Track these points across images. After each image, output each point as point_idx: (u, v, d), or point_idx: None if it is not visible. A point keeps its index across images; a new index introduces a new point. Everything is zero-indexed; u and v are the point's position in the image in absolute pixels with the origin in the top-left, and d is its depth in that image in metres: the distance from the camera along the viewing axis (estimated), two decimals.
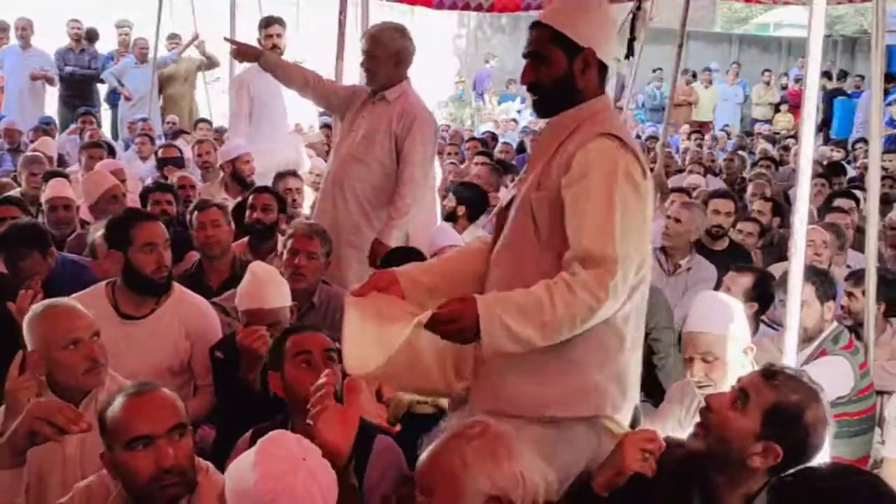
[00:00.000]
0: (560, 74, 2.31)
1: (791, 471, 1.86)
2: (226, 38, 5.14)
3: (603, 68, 2.36)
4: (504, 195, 2.49)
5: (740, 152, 10.36)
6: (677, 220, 4.85)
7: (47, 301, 2.84)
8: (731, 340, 2.86)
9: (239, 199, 5.34)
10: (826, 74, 13.84)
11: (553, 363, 2.25)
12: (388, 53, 4.23)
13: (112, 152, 7.25)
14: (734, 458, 2.12)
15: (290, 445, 1.86)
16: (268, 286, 3.23)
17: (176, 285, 3.50)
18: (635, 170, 2.22)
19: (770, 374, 2.18)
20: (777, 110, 15.75)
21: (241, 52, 4.74)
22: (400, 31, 4.36)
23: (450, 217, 5.44)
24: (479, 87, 16.93)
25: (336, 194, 4.35)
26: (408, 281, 2.44)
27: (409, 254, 3.87)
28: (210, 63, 10.68)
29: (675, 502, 2.21)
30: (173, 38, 10.72)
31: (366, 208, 4.33)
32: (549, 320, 2.10)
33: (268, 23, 6.23)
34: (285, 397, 2.64)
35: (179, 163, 7.00)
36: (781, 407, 2.11)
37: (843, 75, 16.23)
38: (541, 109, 2.44)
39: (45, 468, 2.59)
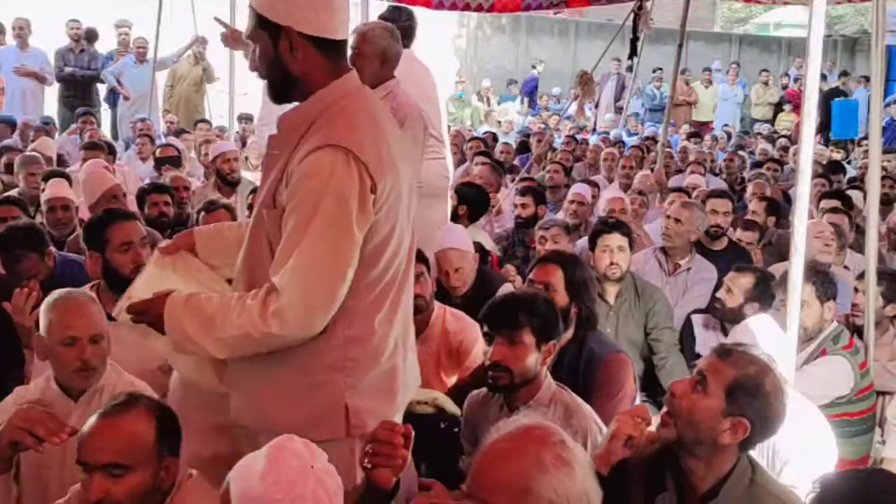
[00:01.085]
0: (269, 59, 2.14)
1: (835, 479, 1.82)
2: (216, 19, 4.78)
3: (327, 46, 2.12)
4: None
5: (740, 152, 10.36)
6: (677, 221, 4.85)
7: (65, 291, 2.84)
8: None
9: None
10: (821, 76, 13.79)
11: (299, 383, 2.18)
12: (374, 52, 4.19)
13: (112, 152, 7.26)
14: (705, 438, 2.17)
15: (299, 452, 1.85)
16: None
17: None
18: (352, 188, 2.04)
19: (723, 352, 2.25)
20: (780, 109, 15.73)
21: (233, 39, 4.53)
22: (389, 31, 4.32)
23: (450, 216, 5.44)
24: (527, 91, 16.86)
25: None
26: (203, 242, 2.47)
27: (417, 251, 3.85)
28: (207, 76, 10.76)
29: (649, 492, 2.25)
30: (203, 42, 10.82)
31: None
32: (222, 338, 2.07)
33: None
34: None
35: (177, 162, 7.00)
36: (741, 381, 2.17)
37: (844, 75, 16.22)
38: (273, 97, 2.25)
39: (44, 468, 2.59)
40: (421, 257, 3.79)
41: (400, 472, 2.06)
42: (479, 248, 4.49)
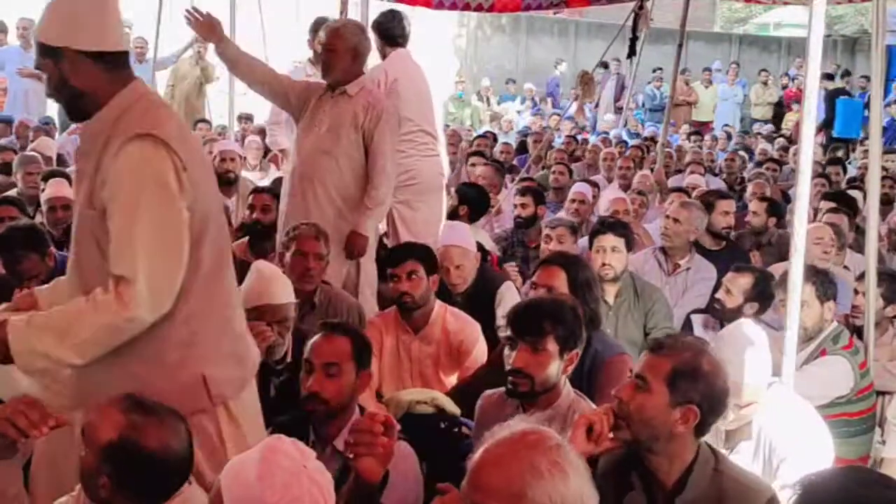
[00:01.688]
0: (56, 81, 2.29)
1: (816, 478, 1.84)
2: (187, 10, 4.52)
3: (107, 59, 2.27)
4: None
5: (741, 152, 10.36)
6: (676, 221, 4.85)
7: None
8: (764, 383, 2.81)
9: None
10: (828, 77, 13.89)
11: (157, 369, 2.29)
12: (346, 47, 4.26)
13: None
14: (660, 433, 2.21)
15: (291, 453, 1.86)
16: (274, 283, 3.24)
17: None
18: (167, 169, 2.20)
19: (655, 347, 2.30)
20: (780, 109, 15.71)
21: (201, 26, 4.30)
22: (360, 28, 4.45)
23: (451, 215, 5.46)
24: (556, 94, 16.73)
25: (306, 189, 4.28)
26: (45, 300, 2.53)
27: (416, 249, 3.87)
28: (206, 75, 10.77)
29: (617, 492, 2.28)
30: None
31: (336, 202, 4.28)
32: (83, 339, 2.16)
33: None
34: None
35: None
36: (679, 368, 2.21)
37: (847, 74, 16.21)
38: (71, 117, 2.49)
39: (60, 454, 2.57)
40: (418, 255, 3.78)
41: (386, 464, 2.11)
42: (479, 247, 4.50)
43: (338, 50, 4.24)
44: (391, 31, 4.92)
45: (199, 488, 2.18)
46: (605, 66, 13.99)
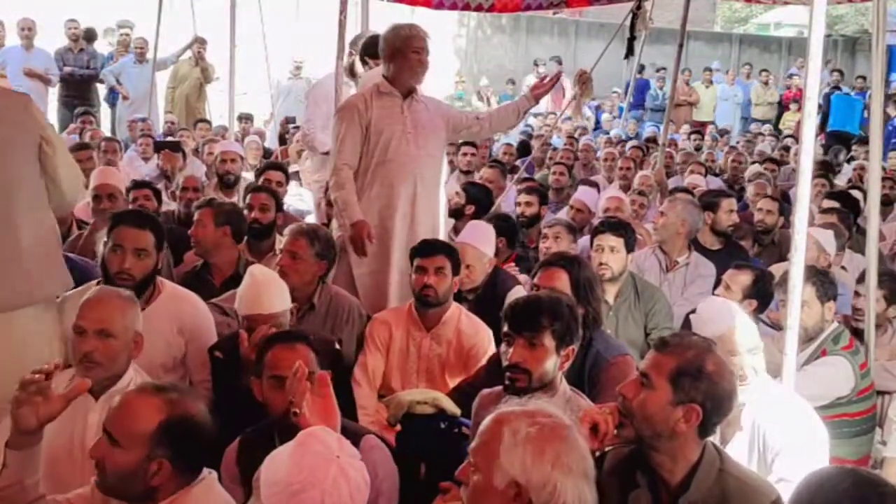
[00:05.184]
0: None
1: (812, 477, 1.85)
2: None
3: None
4: None
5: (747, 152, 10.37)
6: (662, 213, 4.95)
7: (107, 286, 2.99)
8: (740, 336, 2.81)
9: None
10: (836, 88, 13.98)
11: None
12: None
13: (117, 150, 7.32)
14: (663, 431, 2.21)
15: (328, 442, 1.91)
16: (267, 290, 3.22)
17: (167, 283, 3.51)
18: None
19: (660, 345, 2.30)
20: (786, 109, 15.70)
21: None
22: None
23: (456, 213, 5.47)
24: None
25: (434, 195, 4.47)
26: None
27: (447, 246, 3.87)
28: (206, 76, 10.77)
29: (622, 489, 2.30)
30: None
31: (442, 199, 4.61)
32: None
33: None
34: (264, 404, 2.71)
35: (175, 147, 7.15)
36: (682, 367, 2.22)
37: (840, 74, 16.22)
38: None
39: (61, 456, 2.57)
40: (448, 253, 3.77)
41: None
42: None
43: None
44: (378, 50, 5.06)
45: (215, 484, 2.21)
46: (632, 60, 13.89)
